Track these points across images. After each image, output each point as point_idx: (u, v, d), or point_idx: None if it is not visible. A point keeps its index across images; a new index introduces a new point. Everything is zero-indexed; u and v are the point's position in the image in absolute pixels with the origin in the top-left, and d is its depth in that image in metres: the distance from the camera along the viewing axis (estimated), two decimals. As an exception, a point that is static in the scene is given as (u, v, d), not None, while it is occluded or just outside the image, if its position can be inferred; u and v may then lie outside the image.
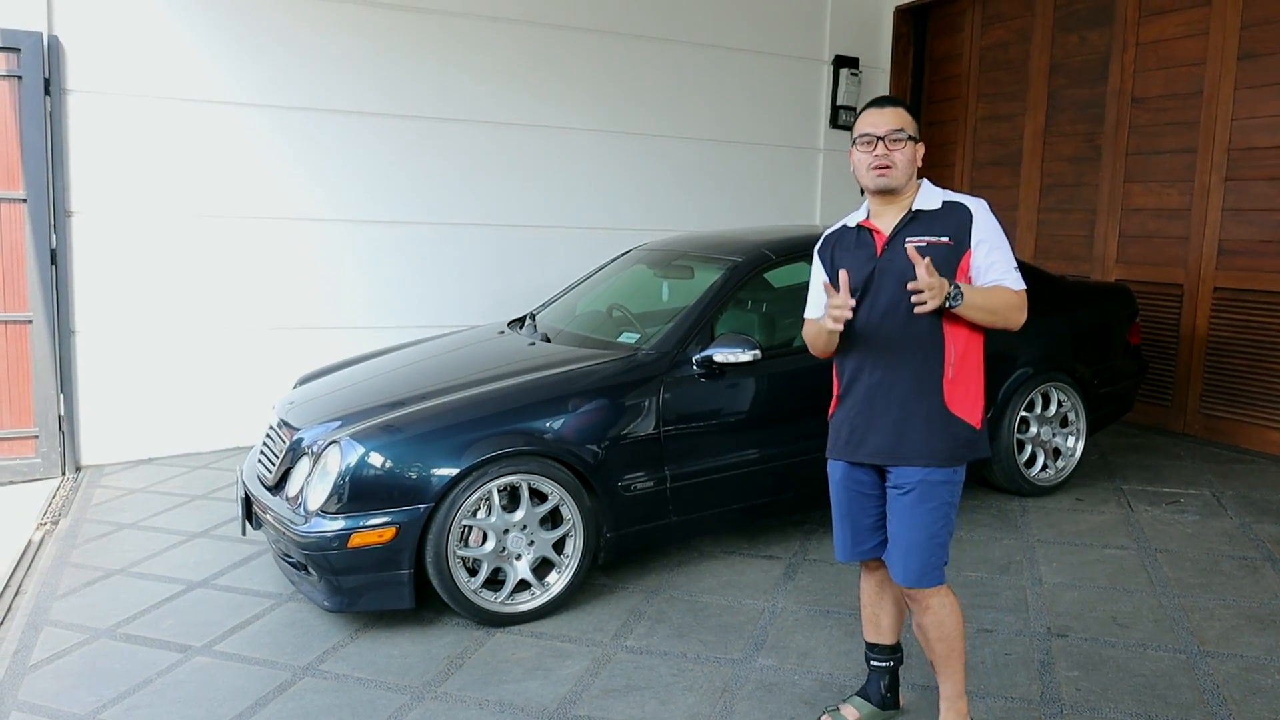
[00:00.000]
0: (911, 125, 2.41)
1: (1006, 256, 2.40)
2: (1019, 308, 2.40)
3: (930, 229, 2.38)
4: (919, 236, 2.36)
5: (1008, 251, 2.40)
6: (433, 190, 6.07)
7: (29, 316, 5.06)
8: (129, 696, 2.89)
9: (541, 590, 3.38)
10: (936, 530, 2.39)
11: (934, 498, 2.38)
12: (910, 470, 2.38)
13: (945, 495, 2.39)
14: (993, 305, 2.35)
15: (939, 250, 2.34)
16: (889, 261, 2.39)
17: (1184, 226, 5.79)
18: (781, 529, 4.25)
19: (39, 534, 4.35)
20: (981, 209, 2.41)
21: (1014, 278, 2.39)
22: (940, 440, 2.37)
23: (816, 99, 7.41)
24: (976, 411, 2.43)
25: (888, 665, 2.68)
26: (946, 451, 2.37)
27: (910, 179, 2.42)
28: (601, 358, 3.72)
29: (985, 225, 2.39)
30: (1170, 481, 4.92)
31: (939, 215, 2.39)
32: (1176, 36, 5.78)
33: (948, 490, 2.40)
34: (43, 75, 4.93)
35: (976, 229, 2.38)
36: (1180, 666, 2.99)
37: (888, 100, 2.46)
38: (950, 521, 2.42)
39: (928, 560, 2.38)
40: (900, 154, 2.37)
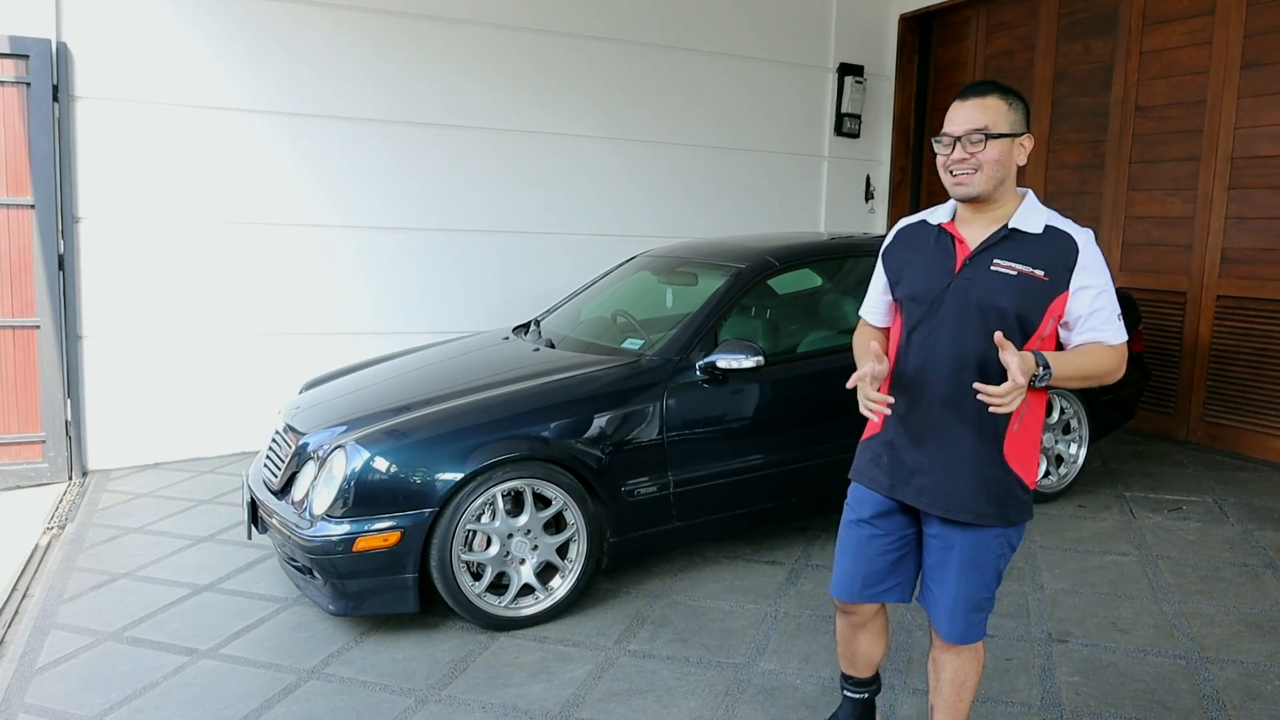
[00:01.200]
0: (1003, 117, 2.02)
1: (1111, 304, 2.02)
2: (1119, 367, 2.06)
3: (1024, 255, 2.02)
4: (1010, 262, 2.02)
5: (1112, 297, 2.03)
6: (439, 196, 6.10)
7: (37, 322, 5.10)
8: (135, 699, 2.91)
9: (545, 595, 3.40)
10: (986, 586, 2.14)
11: (986, 557, 2.12)
12: (958, 527, 2.11)
13: (996, 555, 2.13)
14: (1089, 371, 2.02)
15: (1030, 284, 2.01)
16: (968, 281, 2.06)
17: (1187, 234, 5.80)
18: (784, 534, 4.26)
19: (46, 538, 4.38)
20: (1089, 244, 2.03)
21: (1116, 329, 2.03)
22: (995, 497, 2.08)
23: (821, 107, 7.44)
24: (1033, 470, 2.15)
25: (860, 697, 2.48)
26: (1001, 511, 2.09)
27: (1003, 184, 2.05)
28: (605, 364, 3.74)
29: (1091, 266, 2.01)
30: (1172, 489, 4.92)
31: (1038, 241, 2.03)
32: (1180, 45, 5.80)
33: (999, 550, 2.13)
34: (51, 82, 4.97)
35: (1081, 269, 2.01)
36: (1181, 672, 2.99)
37: (975, 89, 2.07)
38: (1000, 576, 2.17)
39: (976, 617, 2.15)
40: (985, 155, 2.01)
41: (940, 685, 2.24)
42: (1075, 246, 2.02)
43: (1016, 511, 2.11)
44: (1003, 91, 2.05)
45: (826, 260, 4.57)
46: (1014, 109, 2.04)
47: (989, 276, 2.04)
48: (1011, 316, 2.02)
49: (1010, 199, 2.08)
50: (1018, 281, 2.01)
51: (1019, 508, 2.12)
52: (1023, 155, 2.05)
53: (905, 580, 2.27)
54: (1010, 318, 2.01)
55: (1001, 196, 2.07)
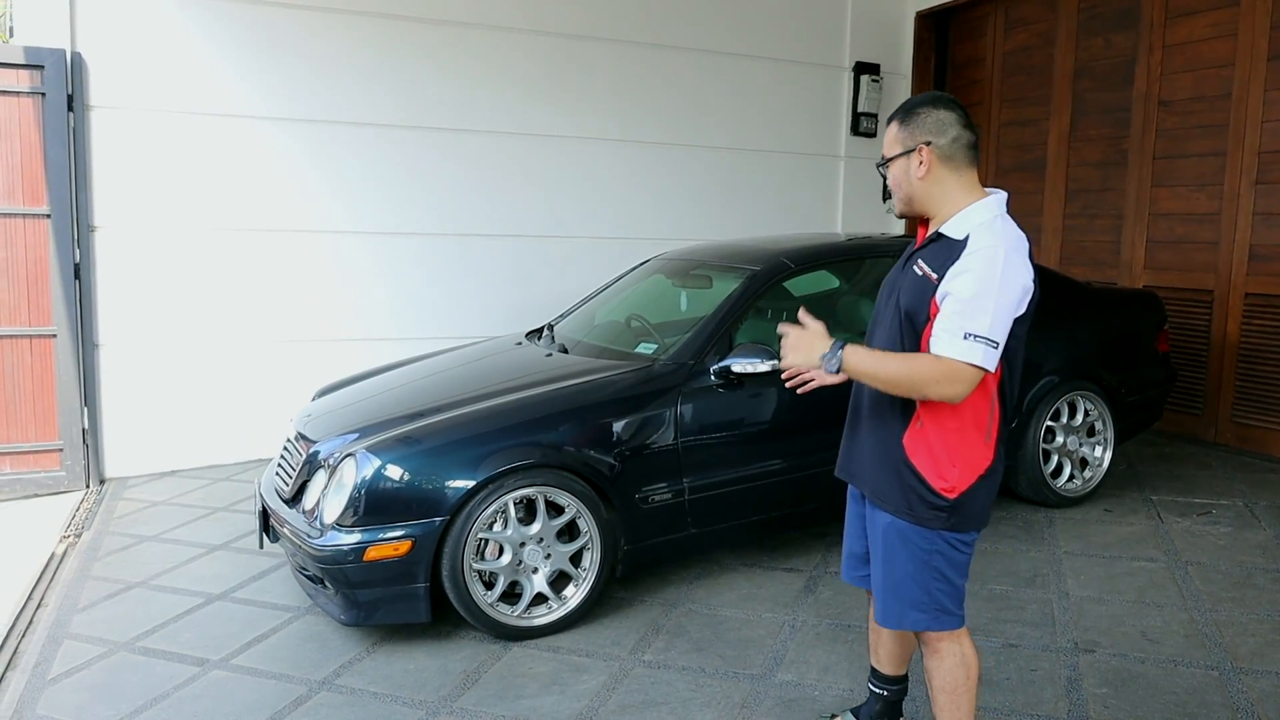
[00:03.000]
0: (895, 140, 2.11)
1: (961, 313, 1.93)
2: (937, 380, 1.95)
3: (934, 258, 2.05)
4: (924, 263, 2.08)
5: (970, 306, 1.93)
6: (451, 202, 6.08)
7: (53, 331, 5.11)
8: (145, 711, 2.89)
9: (558, 604, 3.35)
10: (916, 577, 2.12)
11: (905, 550, 2.12)
12: (879, 511, 2.16)
13: (923, 551, 2.10)
14: (892, 376, 2.00)
15: (923, 284, 2.05)
16: (897, 274, 2.20)
17: (1214, 231, 5.68)
18: (802, 541, 4.19)
19: (62, 547, 4.38)
20: (978, 246, 1.97)
21: (949, 341, 1.93)
22: (895, 485, 2.11)
23: (837, 106, 7.36)
24: (945, 475, 2.06)
25: (882, 694, 2.50)
26: (905, 503, 2.09)
27: (916, 201, 2.11)
28: (618, 369, 3.69)
29: (966, 267, 1.96)
30: (1201, 492, 4.81)
31: (954, 245, 2.03)
32: (1204, 38, 5.68)
33: (927, 547, 2.10)
34: (66, 92, 4.99)
35: (954, 270, 1.98)
36: (1213, 684, 2.90)
37: (888, 120, 2.18)
38: (941, 576, 2.12)
39: (905, 604, 2.14)
40: (890, 177, 2.14)
41: (934, 694, 2.24)
42: (963, 247, 2.00)
43: (924, 513, 2.09)
44: (903, 112, 2.13)
45: (843, 261, 4.50)
46: (905, 125, 2.10)
47: (908, 275, 2.13)
48: (904, 314, 2.10)
49: (952, 204, 2.09)
50: (918, 282, 2.07)
51: (927, 511, 2.08)
52: (920, 168, 2.08)
53: None
54: (904, 314, 2.10)
55: (938, 207, 2.11)
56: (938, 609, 2.13)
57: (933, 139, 2.07)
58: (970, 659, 2.19)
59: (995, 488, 2.15)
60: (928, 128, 2.08)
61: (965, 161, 2.10)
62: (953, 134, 2.07)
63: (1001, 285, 1.94)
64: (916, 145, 2.08)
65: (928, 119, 2.08)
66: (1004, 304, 1.94)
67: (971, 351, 1.93)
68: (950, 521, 2.08)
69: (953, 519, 2.08)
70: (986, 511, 2.14)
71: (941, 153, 2.07)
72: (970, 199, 2.08)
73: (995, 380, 2.06)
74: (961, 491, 2.07)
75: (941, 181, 2.08)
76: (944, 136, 2.07)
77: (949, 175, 2.08)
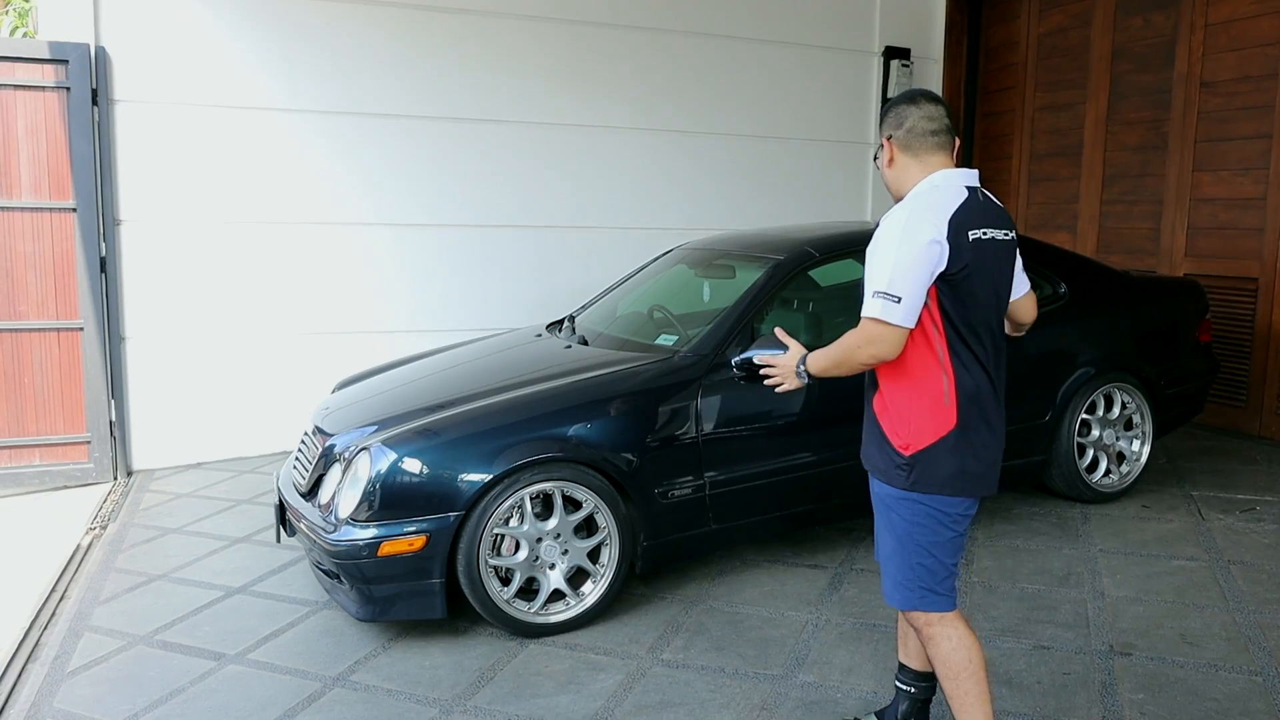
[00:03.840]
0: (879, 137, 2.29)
1: (869, 276, 2.10)
2: (859, 345, 2.11)
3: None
4: None
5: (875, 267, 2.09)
6: (474, 192, 6.03)
7: (80, 324, 5.14)
8: (160, 705, 2.88)
9: (576, 600, 3.29)
10: (900, 552, 2.19)
11: (888, 521, 2.23)
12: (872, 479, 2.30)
13: (903, 522, 2.19)
14: (833, 360, 2.21)
15: None
16: None
17: (1259, 217, 5.48)
18: (828, 536, 4.10)
19: (88, 539, 4.41)
20: (891, 212, 2.14)
21: (867, 302, 2.09)
22: (876, 452, 2.25)
23: (867, 92, 7.21)
24: (900, 433, 2.17)
25: (909, 691, 2.47)
26: (880, 466, 2.23)
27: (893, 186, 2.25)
28: (638, 361, 3.61)
29: (877, 234, 2.14)
30: (1245, 488, 4.64)
31: None
32: (1249, 16, 5.47)
33: (903, 513, 2.18)
34: (90, 86, 5.00)
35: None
36: (1256, 690, 2.78)
37: None
38: (925, 551, 2.17)
39: (897, 578, 2.21)
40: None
41: (942, 685, 2.23)
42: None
43: (890, 471, 2.18)
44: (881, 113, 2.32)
45: (871, 250, 4.38)
46: (880, 122, 2.28)
47: None
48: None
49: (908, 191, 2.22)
50: None
51: (892, 469, 2.18)
52: (884, 158, 2.24)
53: None
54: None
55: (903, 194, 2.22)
56: (923, 587, 2.17)
57: (892, 131, 2.21)
58: (967, 640, 2.18)
59: (977, 457, 2.15)
60: (889, 122, 2.22)
61: (926, 148, 2.18)
62: (909, 123, 2.18)
63: (900, 242, 2.04)
64: (882, 140, 2.25)
65: (890, 114, 2.23)
66: (903, 259, 2.03)
67: (872, 306, 2.07)
68: (910, 480, 2.14)
69: (911, 477, 2.14)
70: (965, 479, 2.15)
71: (900, 142, 2.19)
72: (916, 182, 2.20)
73: (940, 340, 2.11)
74: (917, 450, 2.13)
75: (905, 169, 2.20)
76: (900, 127, 2.19)
77: (911, 162, 2.19)
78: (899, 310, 2.04)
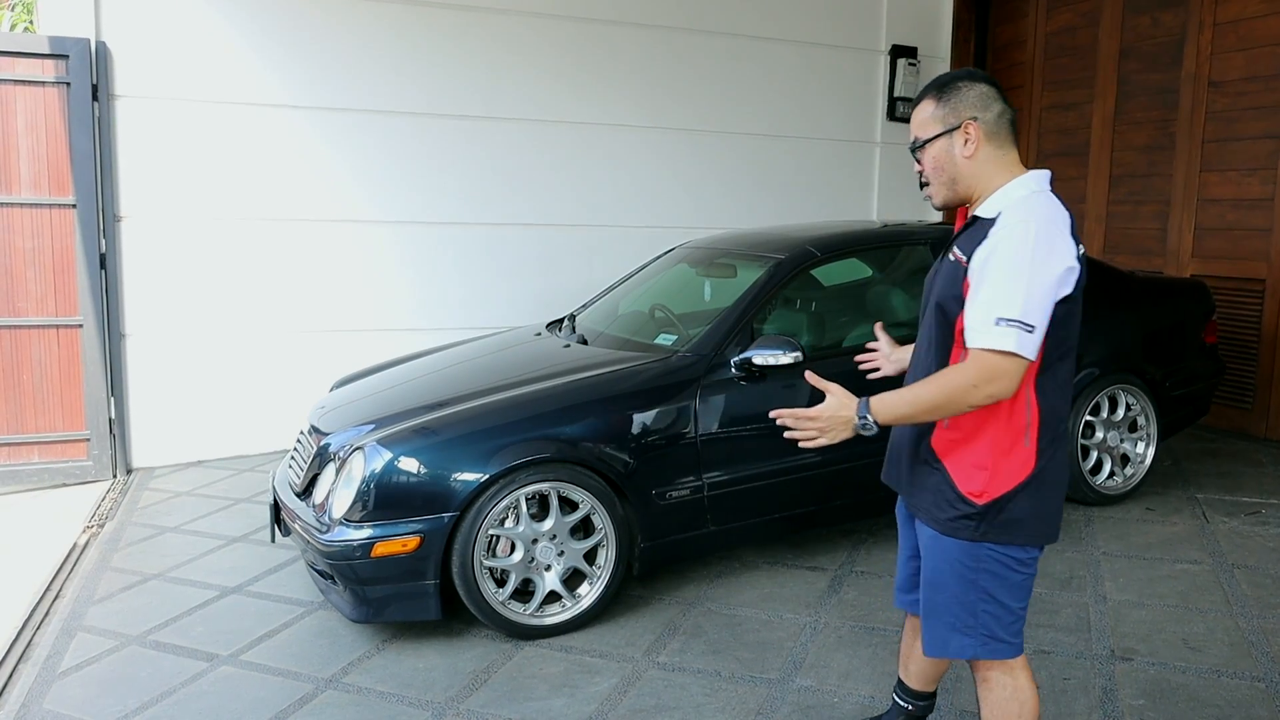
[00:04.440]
0: (931, 119, 1.94)
1: (992, 298, 1.77)
2: (975, 383, 1.78)
3: (967, 242, 1.90)
4: (956, 249, 1.92)
5: (1005, 296, 1.76)
6: (477, 190, 6.00)
7: (79, 320, 5.12)
8: (151, 707, 2.85)
9: (572, 602, 3.26)
10: (961, 598, 1.93)
11: (949, 565, 1.93)
12: (921, 523, 2.01)
13: (965, 568, 1.91)
14: (927, 403, 1.82)
15: (954, 271, 1.90)
16: (934, 273, 2.03)
17: (1266, 218, 5.43)
18: (829, 538, 4.06)
19: (84, 537, 4.39)
20: (1008, 225, 1.81)
21: (981, 331, 1.77)
22: (929, 492, 1.96)
23: (873, 91, 7.17)
24: (978, 482, 1.88)
25: (905, 708, 2.38)
26: (937, 513, 1.94)
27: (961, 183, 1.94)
28: (636, 361, 3.58)
29: (993, 249, 1.81)
30: (1250, 490, 4.59)
31: (987, 225, 1.88)
32: (1258, 15, 5.41)
33: (966, 560, 1.90)
34: (90, 81, 4.98)
35: (981, 250, 1.83)
36: (1259, 696, 2.73)
37: (916, 98, 2.01)
38: (989, 597, 1.92)
39: (948, 627, 1.96)
40: (925, 165, 1.97)
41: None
42: (992, 223, 1.85)
43: (953, 520, 1.90)
44: (938, 88, 1.96)
45: (874, 249, 4.34)
46: (944, 102, 1.93)
47: (944, 265, 1.97)
48: (936, 305, 1.96)
49: (990, 188, 1.93)
50: (951, 269, 1.92)
51: (956, 518, 1.89)
52: (967, 145, 1.91)
53: None
54: (936, 306, 1.96)
55: (982, 188, 1.94)
56: (986, 634, 1.93)
57: (978, 114, 1.92)
58: (1025, 693, 1.97)
59: (1050, 498, 1.91)
60: (971, 103, 1.92)
61: (1009, 139, 1.95)
62: (997, 109, 1.93)
63: (1034, 262, 1.76)
64: (961, 122, 1.91)
65: (969, 93, 1.93)
66: (1038, 283, 1.76)
67: (1004, 338, 1.75)
68: (980, 531, 1.88)
69: (982, 528, 1.88)
70: (1040, 524, 1.90)
71: (988, 129, 1.92)
72: (1009, 176, 1.93)
73: (1033, 372, 1.85)
74: (993, 498, 1.87)
75: (988, 161, 1.93)
76: (989, 111, 1.92)
77: (994, 154, 1.93)
78: (1033, 342, 1.76)
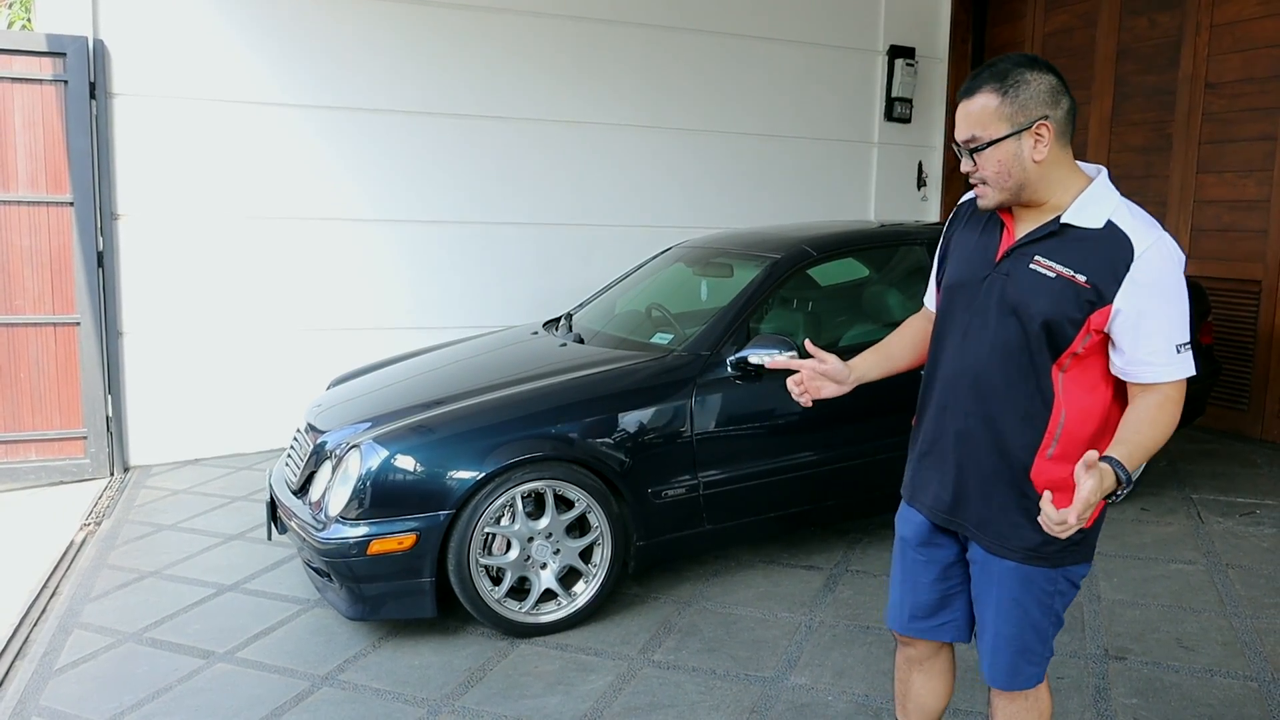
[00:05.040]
0: (995, 118, 1.70)
1: (1170, 331, 1.67)
2: (1174, 417, 1.71)
3: (1070, 255, 1.71)
4: (1051, 261, 1.72)
5: (1177, 324, 1.68)
6: (475, 189, 6.01)
7: (77, 319, 5.13)
8: (147, 704, 2.86)
9: (568, 600, 3.27)
10: (1035, 629, 1.84)
11: (1031, 593, 1.82)
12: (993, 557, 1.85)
13: (1046, 593, 1.83)
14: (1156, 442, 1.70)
15: (1067, 290, 1.70)
16: (1004, 276, 1.79)
17: (1262, 219, 5.44)
18: (823, 537, 4.07)
19: (81, 535, 4.39)
20: (1156, 254, 1.67)
21: (1165, 363, 1.68)
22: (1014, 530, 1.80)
23: (870, 91, 7.18)
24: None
25: None
26: (1025, 544, 1.80)
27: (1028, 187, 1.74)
28: (632, 360, 3.59)
29: (1150, 283, 1.66)
30: (1245, 491, 4.61)
31: (1091, 239, 1.70)
32: (1254, 17, 5.43)
33: (1050, 587, 1.82)
34: (88, 79, 4.98)
35: (1132, 284, 1.66)
36: (1252, 695, 2.75)
37: (966, 87, 1.76)
38: (1057, 620, 1.86)
39: (1022, 657, 1.85)
40: (985, 169, 1.75)
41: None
42: (1132, 253, 1.66)
43: (1062, 551, 1.79)
44: (997, 81, 1.71)
45: (870, 249, 4.35)
46: (1010, 99, 1.69)
47: (1026, 275, 1.75)
48: (1038, 326, 1.73)
49: (1064, 188, 1.74)
50: (1055, 285, 1.71)
51: (1042, 546, 1.78)
52: (1038, 147, 1.71)
53: (960, 618, 2.00)
54: (1036, 327, 1.73)
55: (1048, 193, 1.75)
56: (1046, 657, 1.88)
57: (1049, 112, 1.70)
58: (1044, 702, 1.92)
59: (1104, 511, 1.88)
60: (1042, 99, 1.70)
61: (1071, 135, 1.77)
62: (1066, 104, 1.73)
63: (1182, 280, 1.71)
64: (1033, 122, 1.70)
65: (1038, 86, 1.70)
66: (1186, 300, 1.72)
67: (1186, 365, 1.70)
68: (1063, 556, 1.80)
69: (1064, 553, 1.80)
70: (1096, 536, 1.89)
71: (1059, 127, 1.72)
72: (1081, 178, 1.77)
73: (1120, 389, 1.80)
74: (1095, 516, 1.79)
75: (1058, 165, 1.73)
76: (1059, 108, 1.72)
77: (1063, 156, 1.74)
78: None
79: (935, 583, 1.98)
